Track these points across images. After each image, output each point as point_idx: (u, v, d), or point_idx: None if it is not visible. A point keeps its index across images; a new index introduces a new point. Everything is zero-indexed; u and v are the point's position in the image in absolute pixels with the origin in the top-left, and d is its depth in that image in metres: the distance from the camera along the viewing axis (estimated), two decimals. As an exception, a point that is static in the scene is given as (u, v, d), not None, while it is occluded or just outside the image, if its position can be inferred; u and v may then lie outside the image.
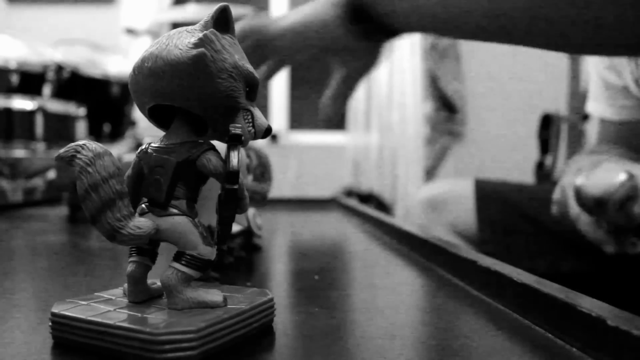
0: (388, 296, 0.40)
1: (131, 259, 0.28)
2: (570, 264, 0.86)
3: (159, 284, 0.28)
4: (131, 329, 0.24)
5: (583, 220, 0.65)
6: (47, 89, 1.48)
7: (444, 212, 1.02)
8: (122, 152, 1.35)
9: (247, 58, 0.28)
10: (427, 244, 0.51)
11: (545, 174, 1.60)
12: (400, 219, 2.03)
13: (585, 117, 1.52)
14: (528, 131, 1.59)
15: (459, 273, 0.43)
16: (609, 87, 0.82)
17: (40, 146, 1.34)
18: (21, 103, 1.31)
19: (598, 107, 0.85)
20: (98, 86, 1.63)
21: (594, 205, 0.58)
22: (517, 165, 2.10)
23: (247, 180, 0.49)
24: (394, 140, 2.53)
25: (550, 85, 2.22)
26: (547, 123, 1.61)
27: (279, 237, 0.69)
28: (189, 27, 0.27)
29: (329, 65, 0.64)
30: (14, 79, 1.41)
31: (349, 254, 0.63)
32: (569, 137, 1.57)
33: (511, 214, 0.95)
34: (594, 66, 0.84)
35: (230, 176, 0.26)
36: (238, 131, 0.27)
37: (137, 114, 1.74)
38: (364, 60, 0.63)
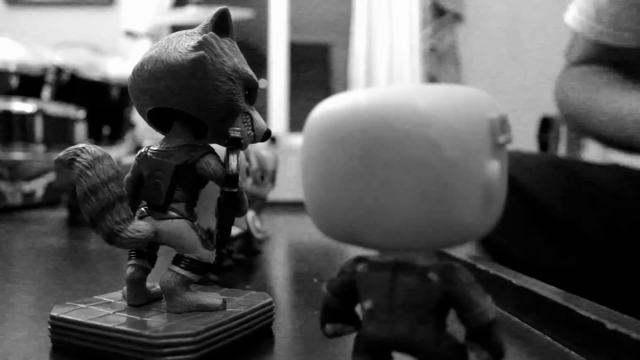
0: (387, 299, 0.40)
1: (130, 262, 0.28)
2: (574, 258, 0.81)
3: (158, 287, 0.28)
4: (130, 332, 0.24)
5: None
6: (46, 92, 1.47)
7: None
8: (121, 154, 1.35)
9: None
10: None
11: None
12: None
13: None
14: (527, 134, 1.59)
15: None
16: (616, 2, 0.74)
17: (40, 149, 1.34)
18: (20, 105, 1.31)
19: (595, 27, 0.77)
20: (97, 89, 1.62)
21: None
22: (516, 168, 2.09)
23: (247, 183, 0.49)
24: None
25: (549, 88, 2.22)
26: (546, 126, 1.61)
27: (279, 239, 0.69)
28: (189, 30, 0.27)
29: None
30: (14, 81, 1.41)
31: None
32: (568, 140, 1.57)
33: (516, 200, 0.88)
34: None
35: (229, 179, 0.26)
36: (237, 134, 0.27)
37: (137, 117, 1.73)
38: None
